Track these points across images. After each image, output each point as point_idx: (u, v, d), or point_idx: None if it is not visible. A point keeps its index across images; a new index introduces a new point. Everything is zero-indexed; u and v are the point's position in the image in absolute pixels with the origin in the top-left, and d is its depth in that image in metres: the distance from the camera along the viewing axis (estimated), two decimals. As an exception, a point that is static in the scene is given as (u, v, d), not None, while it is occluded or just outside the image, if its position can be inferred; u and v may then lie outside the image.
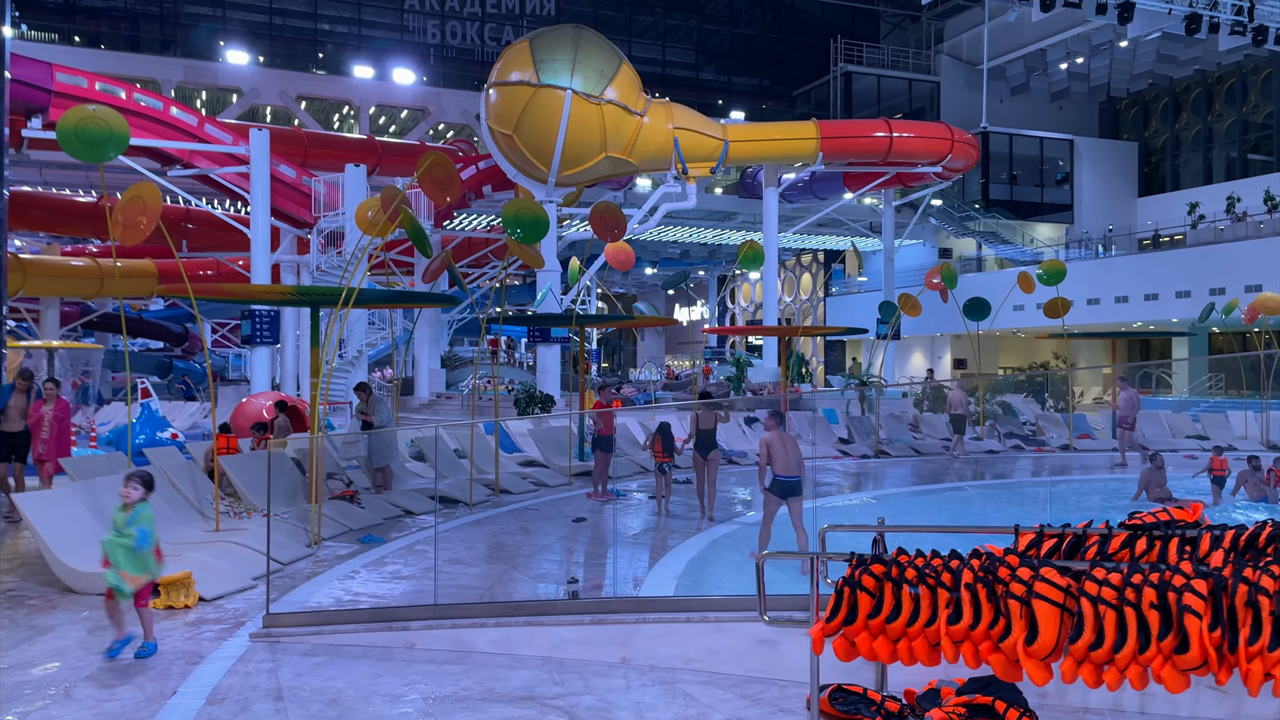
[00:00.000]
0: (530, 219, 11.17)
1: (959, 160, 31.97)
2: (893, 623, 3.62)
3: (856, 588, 3.72)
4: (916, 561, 3.70)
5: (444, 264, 12.74)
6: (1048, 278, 19.31)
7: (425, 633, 5.77)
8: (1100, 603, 3.34)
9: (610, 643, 5.37)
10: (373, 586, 7.84)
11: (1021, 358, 46.87)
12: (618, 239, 12.97)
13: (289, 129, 33.18)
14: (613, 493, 13.07)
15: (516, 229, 11.15)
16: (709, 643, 5.21)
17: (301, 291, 9.39)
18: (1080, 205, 47.00)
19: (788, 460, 8.64)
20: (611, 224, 12.73)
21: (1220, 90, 45.48)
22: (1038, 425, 21.81)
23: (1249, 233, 32.28)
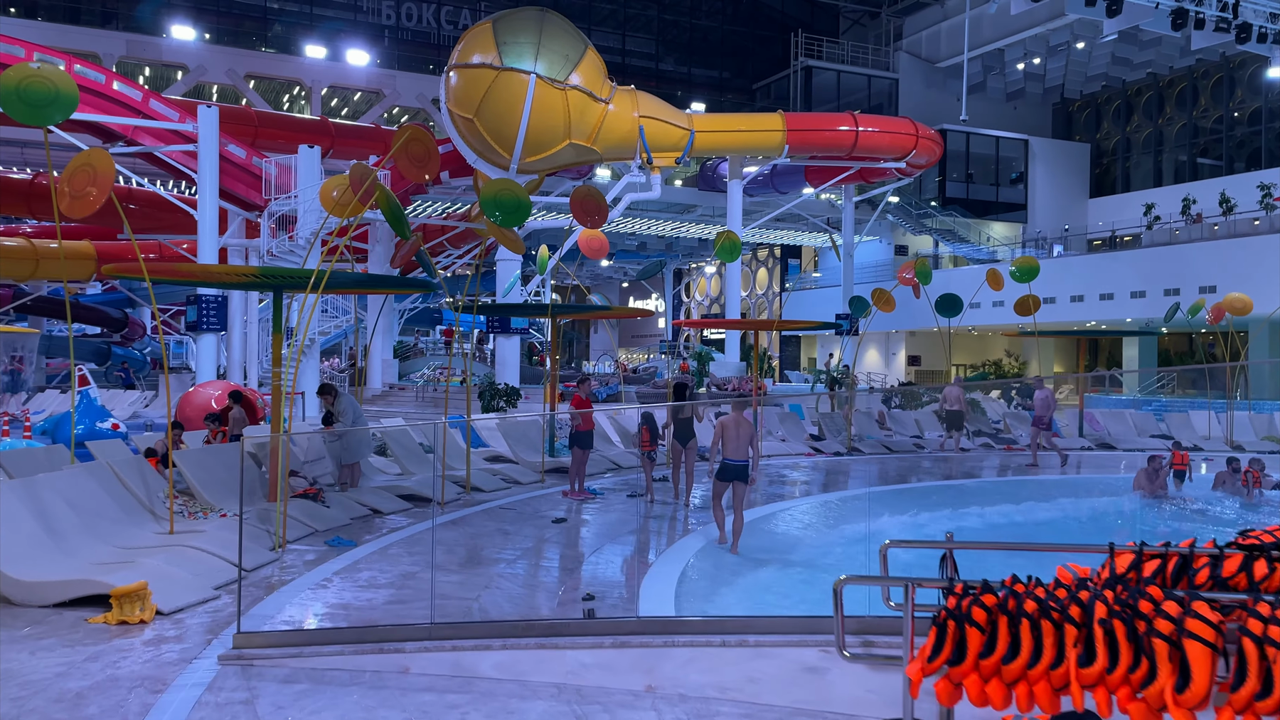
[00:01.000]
0: (511, 201, 10.52)
1: (922, 156, 31.86)
2: (1010, 664, 3.10)
3: (965, 621, 3.19)
4: (1037, 591, 3.18)
5: (414, 248, 12.04)
6: (1020, 274, 19.12)
7: (421, 655, 5.15)
8: (1268, 643, 2.86)
9: (634, 669, 4.80)
10: (349, 596, 7.17)
11: (975, 355, 47.24)
12: (598, 225, 12.37)
13: (238, 107, 31.94)
14: (590, 491, 12.48)
15: (496, 212, 10.49)
16: (747, 670, 4.68)
17: (266, 274, 8.66)
18: (1034, 205, 47.39)
19: (738, 444, 9.04)
20: (593, 209, 12.12)
21: (1171, 94, 46.14)
22: (1004, 423, 21.68)
23: (1204, 234, 32.66)
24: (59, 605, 6.57)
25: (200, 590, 6.93)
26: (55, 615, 6.42)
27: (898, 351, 47.53)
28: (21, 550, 6.87)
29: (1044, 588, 3.19)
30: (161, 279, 9.45)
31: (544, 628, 5.18)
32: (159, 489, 9.31)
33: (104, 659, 5.54)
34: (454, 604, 7.04)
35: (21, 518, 7.11)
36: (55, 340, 32.00)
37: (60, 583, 6.60)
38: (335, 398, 11.25)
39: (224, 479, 10.08)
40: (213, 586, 7.13)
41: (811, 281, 52.27)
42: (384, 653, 5.21)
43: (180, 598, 6.68)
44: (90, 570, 6.88)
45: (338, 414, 11.23)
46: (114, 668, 5.41)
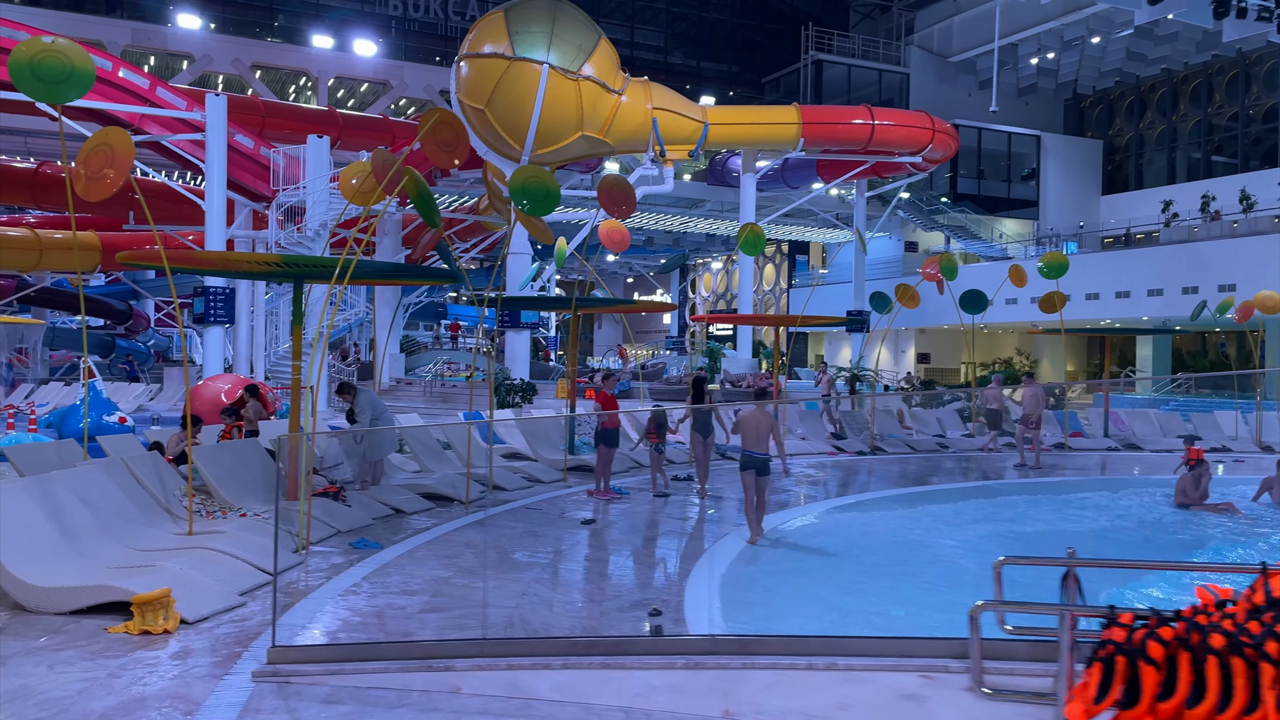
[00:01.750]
0: (540, 189, 10.10)
1: (938, 151, 31.43)
2: (1195, 708, 2.69)
3: (1138, 657, 2.78)
4: (1223, 624, 2.77)
5: (436, 239, 11.64)
6: (1049, 271, 18.70)
7: (473, 675, 4.74)
8: None
9: (710, 692, 4.40)
10: (382, 603, 6.77)
11: (986, 353, 46.80)
12: (626, 215, 11.96)
13: (245, 97, 31.49)
14: (615, 490, 12.07)
15: (524, 200, 10.07)
16: (836, 695, 4.26)
17: (289, 262, 8.24)
18: (1046, 202, 46.94)
19: (758, 437, 9.23)
20: (621, 199, 11.71)
21: (1185, 90, 45.64)
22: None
23: (1223, 232, 32.21)
24: (76, 612, 6.17)
25: (225, 597, 6.52)
26: (73, 624, 6.01)
27: (907, 349, 47.12)
28: (36, 553, 6.47)
29: (1230, 619, 2.77)
30: (180, 268, 9.03)
31: (608, 645, 4.77)
32: (175, 487, 8.91)
33: (128, 674, 5.14)
34: (494, 613, 6.65)
35: (35, 518, 6.71)
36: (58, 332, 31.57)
37: (78, 588, 6.20)
38: (355, 395, 10.84)
39: (243, 476, 9.69)
40: (238, 593, 6.73)
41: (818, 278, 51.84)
42: (433, 670, 4.81)
43: (205, 605, 6.27)
44: (108, 575, 6.47)
45: (358, 412, 10.82)
46: (140, 684, 5.00)
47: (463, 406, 26.00)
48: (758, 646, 4.45)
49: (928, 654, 4.17)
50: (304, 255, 8.47)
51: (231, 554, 7.38)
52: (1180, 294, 32.68)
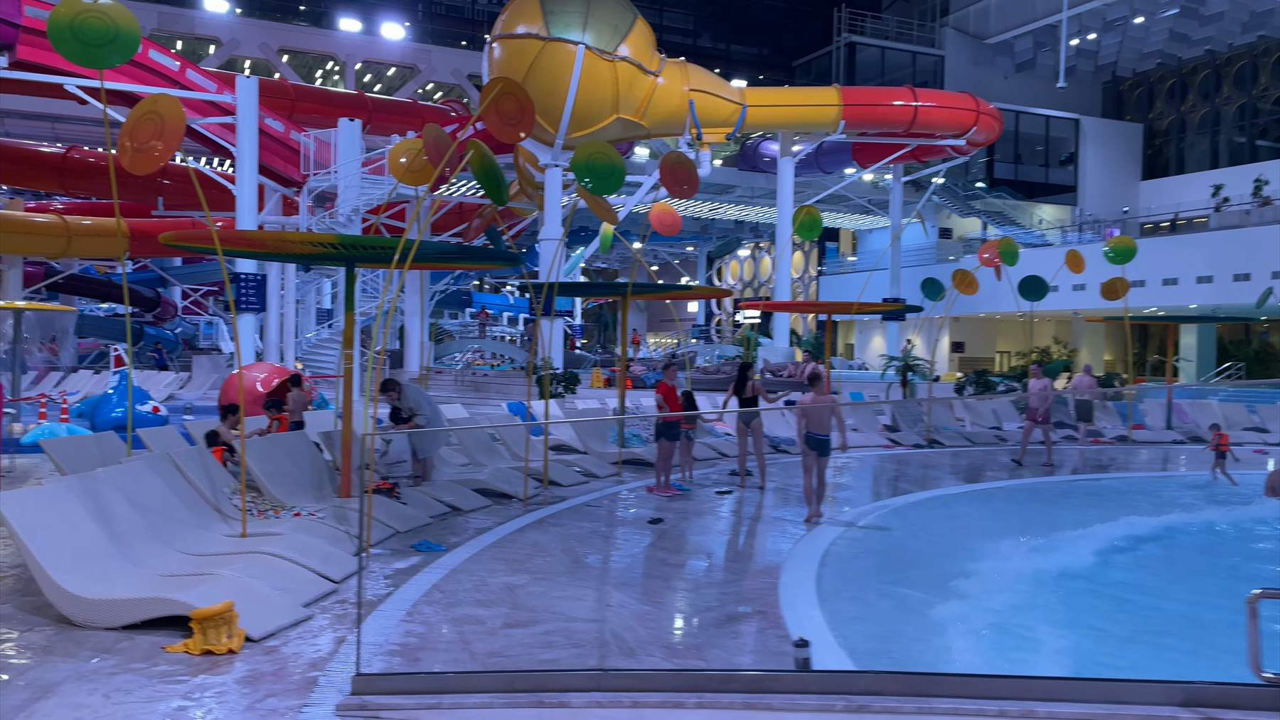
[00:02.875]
0: (605, 166, 9.45)
1: (982, 133, 30.56)
2: None
3: None
4: None
5: (487, 222, 11.01)
6: (1116, 256, 17.90)
7: (592, 712, 4.12)
8: None
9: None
10: (459, 614, 6.16)
11: (1019, 342, 45.87)
12: (689, 194, 11.29)
13: (274, 81, 30.96)
14: (676, 487, 11.45)
15: (587, 178, 9.43)
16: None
17: (346, 243, 7.64)
18: (1084, 186, 45.92)
19: (820, 419, 9.91)
20: (683, 177, 11.04)
21: (1229, 72, 44.44)
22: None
23: (1276, 217, 31.19)
24: (129, 628, 5.60)
25: (290, 610, 5.93)
26: (126, 641, 5.43)
27: (941, 337, 46.25)
28: (84, 561, 5.90)
29: None
30: (233, 249, 8.45)
31: (748, 681, 4.14)
32: (224, 484, 8.34)
33: (196, 706, 4.55)
34: (580, 629, 6.03)
35: (82, 522, 6.14)
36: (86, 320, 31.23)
37: (132, 601, 5.62)
38: (400, 393, 10.23)
39: (292, 473, 9.12)
40: (302, 604, 6.14)
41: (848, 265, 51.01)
42: (544, 705, 4.19)
43: (270, 620, 5.68)
44: (163, 585, 5.89)
45: (406, 409, 10.22)
46: (208, 713, 4.41)
47: (496, 396, 25.46)
48: (933, 687, 3.81)
49: (1148, 700, 3.51)
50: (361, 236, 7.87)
51: (291, 559, 6.79)
52: (1231, 281, 31.72)
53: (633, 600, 6.81)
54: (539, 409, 16.09)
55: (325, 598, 6.45)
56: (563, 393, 20.09)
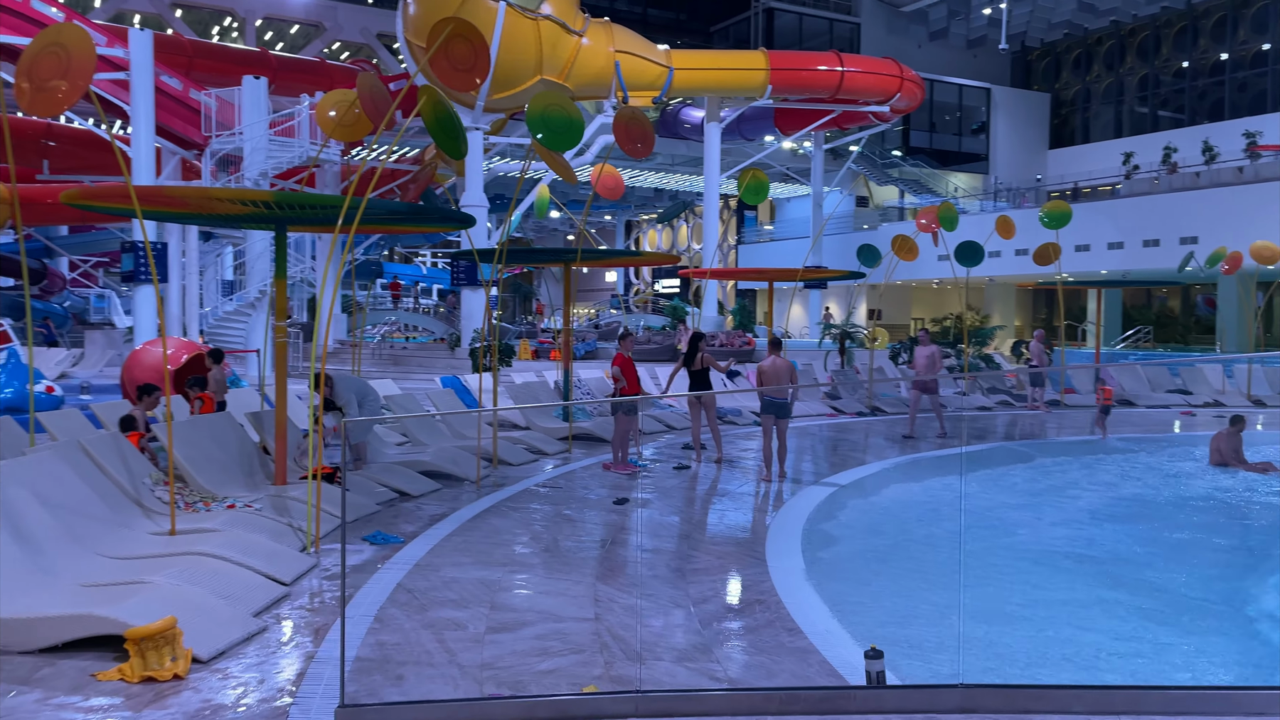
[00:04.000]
0: (561, 120, 8.70)
1: (905, 100, 30.47)
2: None
3: None
4: None
5: (424, 184, 10.17)
6: (1051, 220, 17.86)
7: (634, 740, 3.50)
8: None
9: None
10: (435, 617, 5.44)
11: (934, 309, 46.54)
12: (644, 154, 10.62)
13: (170, 36, 28.97)
14: (633, 464, 10.86)
15: (543, 131, 8.67)
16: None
17: (283, 202, 6.75)
18: (995, 155, 46.61)
19: (776, 383, 10.42)
20: (638, 135, 10.35)
21: (1133, 43, 45.51)
22: (1019, 380, 20.59)
23: (1184, 184, 32.00)
24: (48, 651, 4.74)
25: (241, 622, 5.14)
26: (47, 667, 4.59)
27: (859, 305, 46.57)
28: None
29: None
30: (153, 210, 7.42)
31: (815, 700, 3.58)
32: (144, 475, 7.40)
33: (142, 749, 3.78)
34: (573, 629, 5.40)
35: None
36: (-36, 294, 28.93)
37: (52, 619, 4.76)
38: (333, 387, 9.33)
39: (220, 459, 8.20)
40: (252, 613, 5.35)
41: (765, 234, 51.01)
42: (574, 736, 3.55)
43: (219, 636, 4.89)
44: (87, 599, 5.03)
45: (342, 402, 9.35)
46: (161, 764, 3.65)
47: (419, 370, 24.42)
48: (1036, 702, 3.30)
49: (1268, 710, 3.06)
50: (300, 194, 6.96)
51: (233, 560, 5.97)
52: (1141, 247, 32.51)
53: (620, 593, 6.20)
54: (474, 382, 15.28)
55: (278, 604, 5.66)
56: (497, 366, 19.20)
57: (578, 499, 9.17)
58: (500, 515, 8.28)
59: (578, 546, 7.33)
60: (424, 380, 21.01)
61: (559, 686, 4.52)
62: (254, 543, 6.41)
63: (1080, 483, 11.17)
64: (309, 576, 6.28)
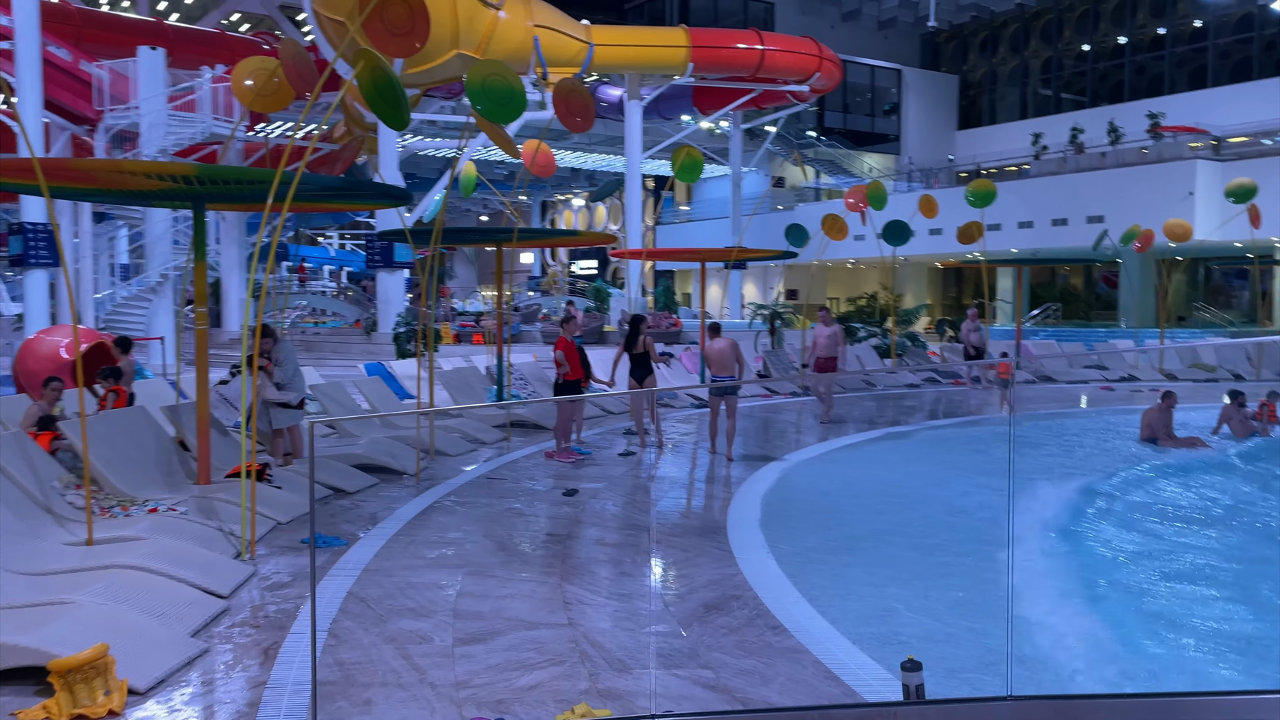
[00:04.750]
0: (503, 90, 8.20)
1: (824, 79, 30.50)
2: None
3: None
4: None
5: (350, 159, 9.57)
6: (976, 199, 18.01)
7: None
8: None
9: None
10: (396, 629, 4.99)
11: (849, 288, 47.11)
12: (584, 128, 10.17)
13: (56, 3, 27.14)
14: (577, 451, 10.47)
15: (481, 102, 8.16)
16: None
17: (207, 175, 6.13)
18: (907, 136, 47.25)
19: (723, 364, 10.57)
20: (579, 108, 9.89)
21: (1036, 27, 46.53)
22: (943, 356, 20.84)
23: (1092, 164, 32.85)
24: (-45, 688, 4.15)
25: (179, 644, 4.60)
26: (-45, 709, 4.00)
27: (775, 285, 46.85)
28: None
29: None
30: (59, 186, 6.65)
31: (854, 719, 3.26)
32: (52, 478, 6.71)
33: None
34: (547, 637, 5.01)
35: None
36: None
37: (-43, 654, 4.16)
38: (276, 343, 8.70)
39: (136, 457, 7.53)
40: (190, 633, 4.81)
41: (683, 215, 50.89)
42: (585, 768, 3.17)
43: (157, 662, 4.35)
44: (2, 624, 4.43)
45: (278, 362, 8.71)
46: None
47: (333, 357, 23.53)
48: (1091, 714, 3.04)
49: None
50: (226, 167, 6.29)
51: (163, 572, 5.39)
52: (1050, 226, 33.33)
53: (589, 593, 5.82)
54: (400, 369, 14.67)
55: (217, 620, 5.12)
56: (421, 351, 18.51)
57: (525, 491, 8.74)
58: (446, 512, 7.81)
59: (535, 543, 6.92)
60: (341, 367, 20.20)
61: (545, 704, 4.14)
62: (184, 551, 5.83)
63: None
64: (247, 587, 5.73)
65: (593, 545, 6.92)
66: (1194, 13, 39.70)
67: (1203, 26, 39.51)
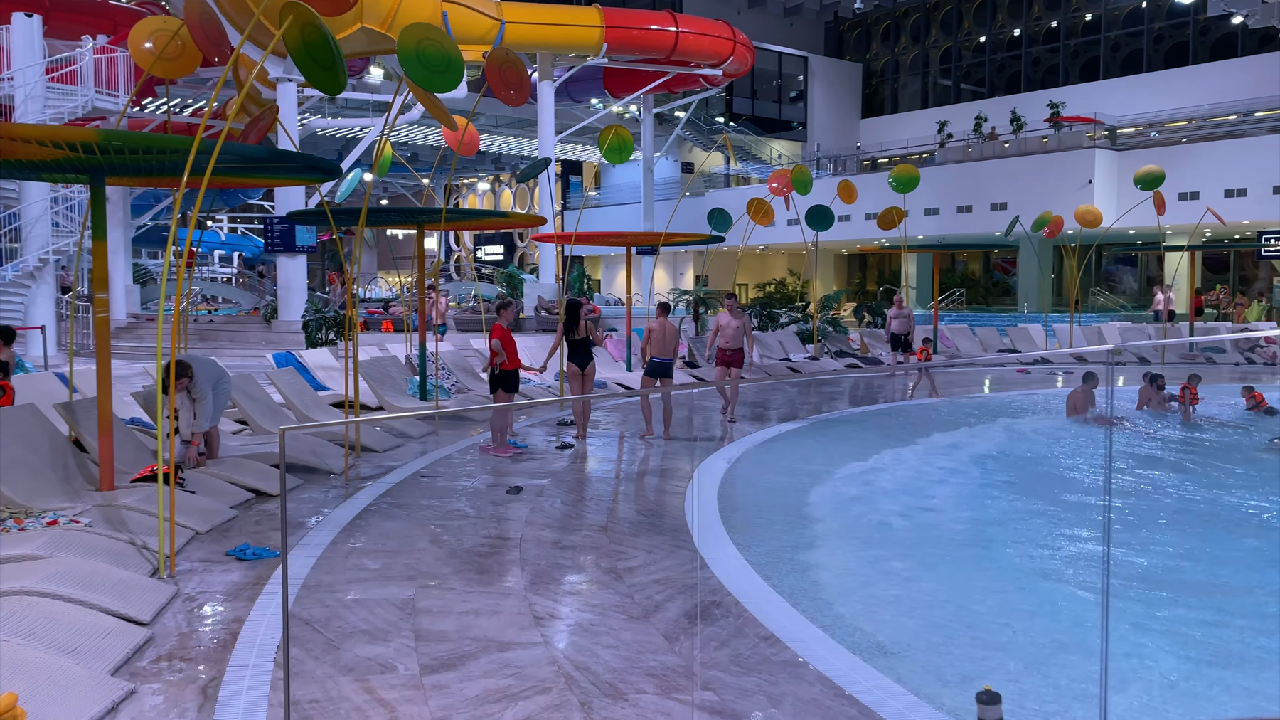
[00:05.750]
0: (438, 57, 7.55)
1: (738, 64, 30.31)
2: None
3: None
4: None
5: (263, 131, 8.82)
6: (900, 185, 17.98)
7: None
8: None
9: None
10: (353, 658, 4.40)
11: (758, 275, 47.34)
12: (519, 102, 9.56)
13: (-88, -38, 24.88)
14: (514, 445, 9.90)
15: (416, 69, 7.50)
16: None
17: (114, 142, 5.37)
18: (813, 123, 47.61)
19: (664, 345, 10.69)
20: (513, 80, 9.28)
21: (937, 17, 47.40)
22: (863, 342, 20.85)
23: (995, 152, 33.54)
24: None
25: (99, 687, 3.92)
26: None
27: (685, 271, 46.74)
28: None
29: None
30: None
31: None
32: (-70, 489, 5.85)
33: None
34: (525, 659, 4.50)
35: None
36: None
37: None
38: (192, 377, 7.73)
39: (31, 462, 6.68)
40: (110, 671, 4.13)
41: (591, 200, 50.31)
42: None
43: (75, 709, 3.68)
44: (-126, 675, 3.69)
45: (196, 396, 7.81)
46: None
47: (231, 346, 22.30)
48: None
49: None
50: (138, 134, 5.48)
51: (72, 598, 4.67)
52: (955, 212, 33.94)
53: (558, 605, 5.32)
54: (311, 359, 13.81)
55: (140, 653, 4.44)
56: (334, 339, 17.60)
57: (466, 491, 8.15)
58: (385, 515, 7.17)
59: (488, 548, 6.37)
60: (241, 357, 19.11)
61: (539, 742, 3.63)
62: (93, 571, 5.10)
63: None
64: (171, 610, 5.04)
65: (550, 549, 6.41)
66: (1086, 6, 40.96)
67: (1094, 20, 40.79)
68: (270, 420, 10.04)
